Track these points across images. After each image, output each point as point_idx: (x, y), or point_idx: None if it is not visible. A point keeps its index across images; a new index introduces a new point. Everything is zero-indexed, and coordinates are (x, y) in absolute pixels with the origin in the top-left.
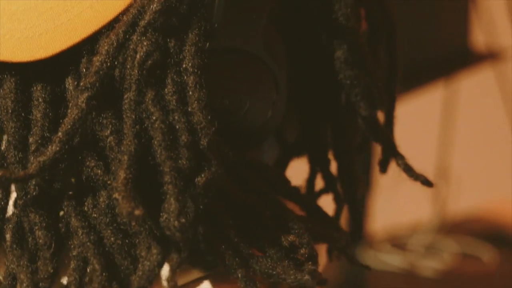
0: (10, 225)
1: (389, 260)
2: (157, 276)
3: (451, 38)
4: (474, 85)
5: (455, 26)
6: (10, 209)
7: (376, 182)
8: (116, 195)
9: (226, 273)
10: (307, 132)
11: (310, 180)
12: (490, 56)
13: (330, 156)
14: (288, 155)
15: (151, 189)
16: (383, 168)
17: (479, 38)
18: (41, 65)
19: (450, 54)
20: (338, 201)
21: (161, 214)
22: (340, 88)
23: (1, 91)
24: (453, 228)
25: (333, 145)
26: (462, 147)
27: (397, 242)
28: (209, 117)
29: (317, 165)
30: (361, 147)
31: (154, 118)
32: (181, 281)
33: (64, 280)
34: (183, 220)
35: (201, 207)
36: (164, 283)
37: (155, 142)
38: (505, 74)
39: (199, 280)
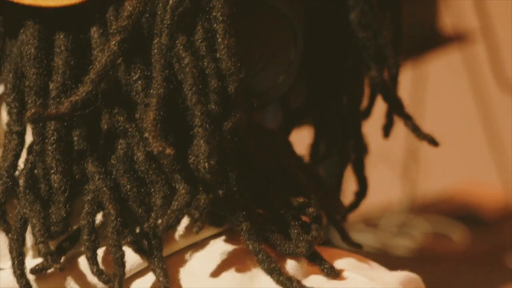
0: (24, 171)
1: (362, 239)
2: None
3: (419, 21)
4: (442, 67)
5: (423, 9)
6: (23, 157)
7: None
8: (146, 135)
9: (232, 225)
10: (314, 96)
11: (314, 146)
12: (458, 38)
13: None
14: (291, 122)
15: (175, 136)
16: (387, 132)
17: (447, 20)
18: (65, 13)
19: (418, 36)
20: (341, 165)
21: (189, 156)
22: (348, 51)
23: (24, 37)
24: (424, 208)
25: (339, 110)
26: (431, 128)
27: (370, 222)
28: (238, 65)
29: (323, 130)
30: (366, 112)
31: (185, 62)
32: (196, 238)
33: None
34: (213, 162)
35: (226, 153)
36: (178, 236)
37: (186, 86)
38: (472, 56)
39: (213, 237)
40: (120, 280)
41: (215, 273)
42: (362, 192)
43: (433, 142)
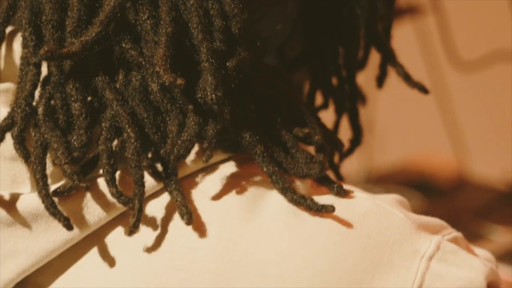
0: (43, 100)
1: None
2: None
3: None
4: (394, 39)
5: None
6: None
7: None
8: (157, 69)
9: (246, 150)
10: (311, 47)
11: (310, 96)
12: (410, 11)
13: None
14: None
15: (184, 73)
16: (380, 83)
17: None
18: None
19: None
20: (339, 112)
21: (197, 90)
22: (343, 4)
23: None
24: (380, 178)
25: (335, 60)
26: (384, 100)
27: None
28: (240, 6)
29: (319, 80)
30: (362, 62)
31: (190, 3)
32: (200, 166)
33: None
34: (219, 94)
35: (231, 87)
36: (189, 161)
37: (192, 25)
38: (424, 28)
39: (224, 161)
40: (140, 199)
41: (226, 193)
42: (357, 139)
43: (423, 90)
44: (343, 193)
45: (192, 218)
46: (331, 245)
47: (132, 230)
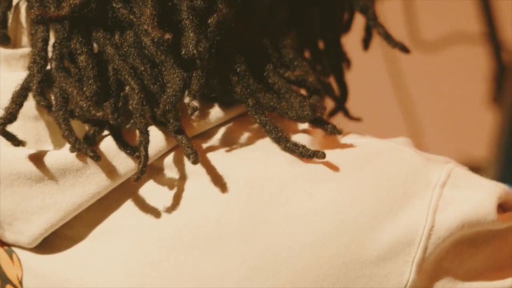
0: (53, 56)
1: None
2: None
3: None
4: (358, 17)
5: None
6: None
7: None
8: (145, 27)
9: (238, 101)
10: (297, 11)
11: None
12: None
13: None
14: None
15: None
16: (366, 45)
17: None
18: None
19: None
20: (324, 72)
21: (181, 47)
22: None
23: None
24: None
25: (321, 24)
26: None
27: None
28: None
29: (305, 43)
30: (346, 25)
31: None
32: (206, 126)
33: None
34: (200, 49)
35: (214, 42)
36: (193, 123)
37: None
38: (386, 8)
39: (223, 124)
40: (146, 147)
41: (242, 144)
42: (343, 96)
43: (404, 49)
44: (337, 133)
45: (198, 157)
46: (351, 181)
47: (139, 176)
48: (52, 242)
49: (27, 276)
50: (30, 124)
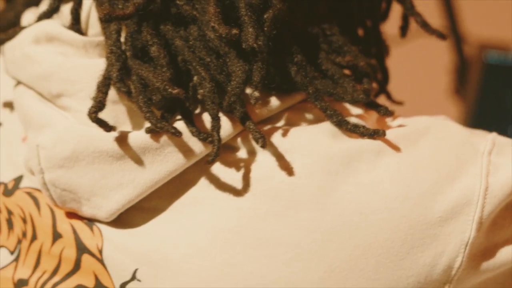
0: (127, 47)
1: None
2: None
3: None
4: None
5: None
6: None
7: None
8: (211, 23)
9: (299, 89)
10: (337, 1)
11: None
12: None
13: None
14: None
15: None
16: (404, 33)
17: None
18: None
19: None
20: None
21: (241, 41)
22: None
23: None
24: None
25: (360, 13)
26: None
27: None
28: None
29: (346, 30)
30: (384, 14)
31: None
32: (268, 113)
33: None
34: (260, 42)
35: (271, 36)
36: (256, 110)
37: None
38: None
39: (282, 112)
40: (218, 131)
41: (298, 130)
42: (385, 79)
43: (442, 36)
44: (390, 114)
45: (266, 140)
46: (409, 153)
47: (213, 159)
48: (129, 215)
49: (107, 246)
50: (108, 107)
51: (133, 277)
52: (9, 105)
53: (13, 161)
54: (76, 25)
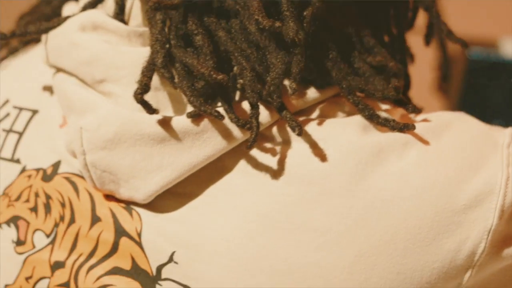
0: (171, 36)
1: None
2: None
3: None
4: None
5: None
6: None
7: None
8: (256, 17)
9: (333, 83)
10: (365, 8)
11: None
12: None
13: None
14: None
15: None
16: (428, 41)
17: None
18: None
19: None
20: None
21: (281, 35)
22: None
23: None
24: None
25: (387, 20)
26: None
27: None
28: None
29: (374, 36)
30: (410, 22)
31: None
32: (304, 105)
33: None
34: (300, 36)
35: (309, 32)
36: (293, 101)
37: None
38: None
39: (316, 105)
40: (257, 119)
41: (332, 122)
42: (407, 85)
43: (465, 45)
44: (418, 111)
45: (302, 129)
46: (434, 145)
47: (251, 145)
48: (164, 200)
49: (146, 229)
50: (151, 93)
51: (170, 259)
52: (46, 92)
53: (51, 147)
54: (120, 15)
